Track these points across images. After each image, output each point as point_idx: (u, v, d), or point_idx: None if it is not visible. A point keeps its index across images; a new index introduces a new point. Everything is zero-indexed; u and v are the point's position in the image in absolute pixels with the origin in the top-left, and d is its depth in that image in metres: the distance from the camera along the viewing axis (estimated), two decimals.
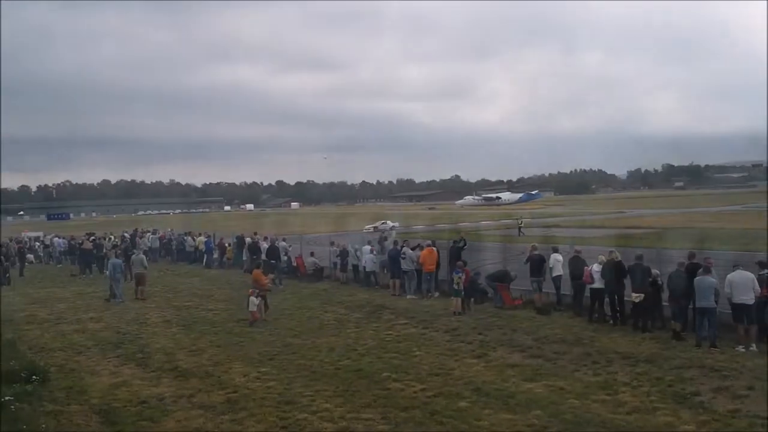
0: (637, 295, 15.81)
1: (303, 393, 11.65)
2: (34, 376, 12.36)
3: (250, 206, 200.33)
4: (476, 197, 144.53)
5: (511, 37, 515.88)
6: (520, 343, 15.02)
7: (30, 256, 39.55)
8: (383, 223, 58.69)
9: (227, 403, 11.26)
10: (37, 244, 44.59)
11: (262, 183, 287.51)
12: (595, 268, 17.27)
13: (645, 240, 35.92)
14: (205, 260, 35.32)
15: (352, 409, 10.67)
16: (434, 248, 22.71)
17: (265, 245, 29.52)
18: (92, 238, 37.63)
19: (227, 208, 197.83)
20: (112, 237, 41.86)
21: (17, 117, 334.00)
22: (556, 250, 20.06)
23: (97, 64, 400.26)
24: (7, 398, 10.58)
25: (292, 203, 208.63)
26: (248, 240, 32.90)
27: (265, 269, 21.79)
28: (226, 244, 35.13)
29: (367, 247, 25.70)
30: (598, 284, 17.11)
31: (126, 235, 42.36)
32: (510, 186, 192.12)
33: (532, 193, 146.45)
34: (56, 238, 42.56)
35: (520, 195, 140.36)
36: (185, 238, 39.48)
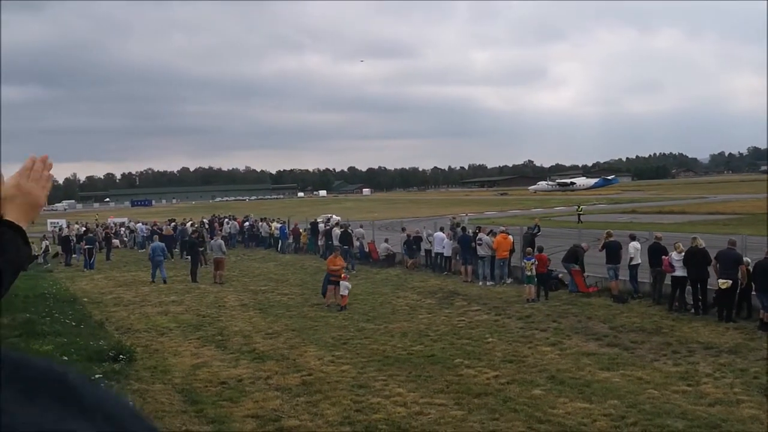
0: (724, 281, 15.12)
1: (376, 377, 11.77)
2: (121, 356, 12.92)
3: (322, 192, 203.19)
4: (550, 182, 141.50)
5: (583, 18, 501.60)
6: (595, 332, 14.70)
7: (116, 241, 41.23)
8: (329, 217, 59.11)
9: (303, 385, 11.48)
10: (122, 229, 46.33)
11: (334, 169, 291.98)
12: (675, 256, 16.59)
13: (729, 226, 34.50)
14: (279, 246, 36.11)
15: (425, 395, 10.71)
16: (508, 234, 22.54)
17: (337, 231, 29.88)
18: (173, 224, 39.07)
19: (300, 194, 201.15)
20: (192, 220, 43.40)
21: (102, 108, 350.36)
22: (633, 238, 19.20)
23: (173, 55, 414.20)
24: (97, 376, 11.12)
25: (364, 189, 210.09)
26: (322, 226, 33.41)
27: (341, 255, 22.01)
28: (301, 230, 35.78)
29: (440, 234, 25.64)
30: (680, 272, 16.47)
31: (205, 221, 43.73)
32: (585, 171, 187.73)
33: (608, 178, 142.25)
34: (139, 224, 44.20)
35: (595, 180, 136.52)
36: (261, 224, 40.50)
